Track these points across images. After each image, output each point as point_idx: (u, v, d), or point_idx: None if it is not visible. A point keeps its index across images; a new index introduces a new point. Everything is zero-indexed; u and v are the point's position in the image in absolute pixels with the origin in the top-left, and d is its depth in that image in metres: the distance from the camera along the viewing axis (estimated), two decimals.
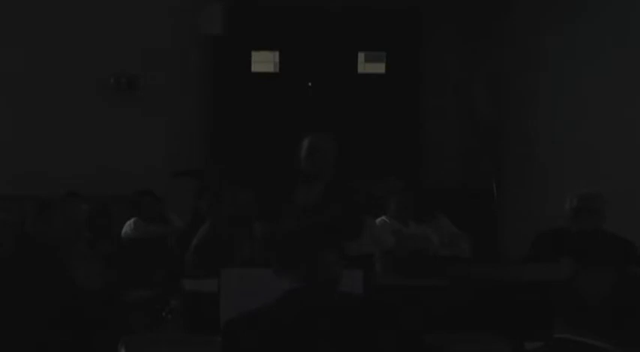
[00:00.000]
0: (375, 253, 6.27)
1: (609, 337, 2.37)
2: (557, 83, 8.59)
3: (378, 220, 6.87)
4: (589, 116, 8.05)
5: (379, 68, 9.97)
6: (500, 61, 9.42)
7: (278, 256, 3.20)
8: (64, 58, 9.20)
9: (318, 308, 3.05)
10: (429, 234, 6.85)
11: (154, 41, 9.34)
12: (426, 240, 6.75)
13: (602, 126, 7.86)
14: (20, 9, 9.23)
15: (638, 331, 2.39)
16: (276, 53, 9.86)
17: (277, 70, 9.86)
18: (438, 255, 6.60)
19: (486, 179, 8.94)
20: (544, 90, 8.81)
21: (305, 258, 3.11)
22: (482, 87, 9.42)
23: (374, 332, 3.05)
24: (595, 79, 7.97)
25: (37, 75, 9.18)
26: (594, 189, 5.53)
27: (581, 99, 8.17)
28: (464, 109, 9.72)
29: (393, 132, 9.86)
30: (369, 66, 9.97)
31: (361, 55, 9.95)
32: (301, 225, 4.94)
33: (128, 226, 7.61)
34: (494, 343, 4.28)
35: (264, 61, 9.86)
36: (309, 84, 9.89)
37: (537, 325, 3.78)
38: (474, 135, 9.63)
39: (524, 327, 4.40)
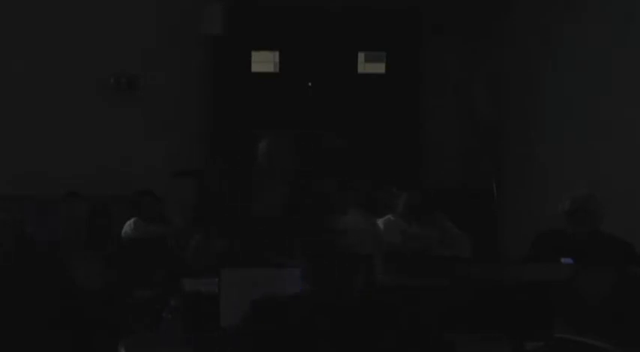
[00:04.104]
0: (375, 253, 6.28)
1: (609, 337, 2.37)
2: (557, 83, 8.58)
3: (384, 218, 6.92)
4: (589, 116, 8.05)
5: (379, 68, 9.96)
6: (500, 61, 9.42)
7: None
8: (64, 58, 9.20)
9: (321, 307, 3.06)
10: (430, 234, 6.88)
11: (153, 41, 9.34)
12: (429, 240, 6.78)
13: (602, 126, 7.86)
14: (20, 9, 9.23)
15: (638, 331, 2.39)
16: (276, 53, 9.85)
17: (277, 70, 9.86)
18: (438, 255, 6.61)
19: (486, 179, 8.95)
20: (544, 90, 8.81)
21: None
22: (482, 87, 9.42)
23: (374, 332, 3.05)
24: (595, 79, 7.97)
25: (37, 75, 9.18)
26: (588, 189, 5.53)
27: (581, 99, 8.17)
28: (464, 109, 9.71)
29: (393, 132, 9.86)
30: (369, 66, 9.96)
31: (361, 55, 9.95)
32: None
33: (128, 226, 7.60)
34: (495, 343, 4.28)
35: (264, 61, 9.86)
36: (309, 84, 9.89)
37: (537, 325, 3.79)
38: (473, 135, 9.63)
39: (524, 327, 4.41)
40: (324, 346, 2.98)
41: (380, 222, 6.94)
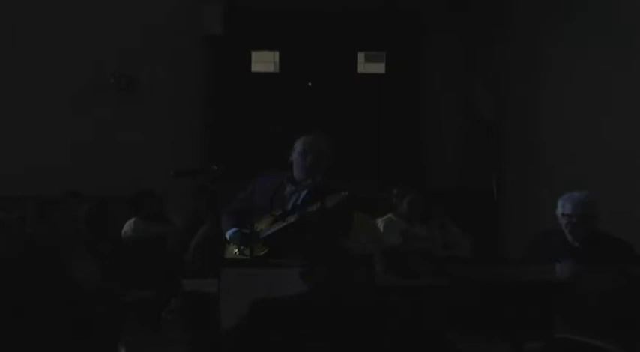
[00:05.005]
0: (376, 253, 6.28)
1: (609, 337, 2.37)
2: (557, 83, 8.59)
3: (384, 218, 6.93)
4: (589, 116, 8.05)
5: (379, 68, 9.96)
6: (500, 61, 9.42)
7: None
8: (64, 58, 9.20)
9: (321, 307, 3.06)
10: (433, 234, 6.89)
11: (154, 41, 9.34)
12: (430, 240, 6.79)
13: (603, 126, 7.86)
14: (21, 9, 9.23)
15: (638, 331, 2.39)
16: (276, 53, 9.85)
17: (277, 70, 9.86)
18: (439, 255, 6.62)
19: (486, 179, 8.94)
20: (544, 90, 8.81)
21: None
22: (482, 87, 9.42)
23: (374, 332, 3.05)
24: (595, 79, 7.97)
25: (38, 75, 9.18)
26: (587, 190, 5.50)
27: (582, 99, 8.17)
28: (464, 109, 9.70)
29: (393, 132, 9.86)
30: (369, 66, 9.96)
31: (361, 55, 9.94)
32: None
33: (128, 226, 7.61)
34: (495, 343, 4.28)
35: (264, 61, 9.86)
36: (309, 84, 9.89)
37: (537, 325, 3.79)
38: (473, 135, 9.63)
39: (524, 327, 4.41)
40: (324, 346, 2.98)
41: (380, 222, 6.94)
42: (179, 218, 7.81)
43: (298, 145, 5.35)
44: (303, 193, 5.27)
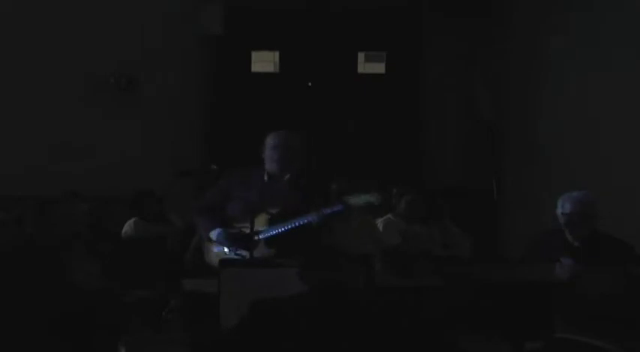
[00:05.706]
0: (376, 253, 6.28)
1: (609, 337, 2.37)
2: (557, 82, 8.59)
3: (384, 218, 6.93)
4: (589, 116, 8.04)
5: (379, 68, 9.96)
6: (500, 61, 9.42)
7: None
8: (64, 58, 9.20)
9: (321, 307, 3.06)
10: (431, 234, 6.89)
11: (154, 41, 9.34)
12: (430, 240, 6.79)
13: (603, 125, 7.86)
14: (21, 9, 9.23)
15: (638, 331, 2.39)
16: (276, 53, 9.85)
17: (277, 70, 9.86)
18: (438, 255, 6.62)
19: (486, 179, 8.94)
20: (544, 89, 8.81)
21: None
22: (483, 87, 9.42)
23: (374, 332, 3.06)
24: (595, 79, 7.97)
25: (38, 74, 9.18)
26: (587, 190, 5.51)
27: (582, 99, 8.17)
28: (464, 109, 9.70)
29: (393, 132, 9.86)
30: (369, 66, 9.96)
31: (361, 55, 9.94)
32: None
33: (128, 226, 7.61)
34: (495, 343, 4.27)
35: (264, 61, 9.86)
36: (309, 84, 9.89)
37: (537, 325, 3.79)
38: (473, 135, 9.63)
39: (524, 327, 4.41)
40: (324, 346, 2.98)
41: (380, 222, 6.94)
42: (179, 218, 7.81)
43: (270, 140, 5.44)
44: (285, 190, 5.32)
